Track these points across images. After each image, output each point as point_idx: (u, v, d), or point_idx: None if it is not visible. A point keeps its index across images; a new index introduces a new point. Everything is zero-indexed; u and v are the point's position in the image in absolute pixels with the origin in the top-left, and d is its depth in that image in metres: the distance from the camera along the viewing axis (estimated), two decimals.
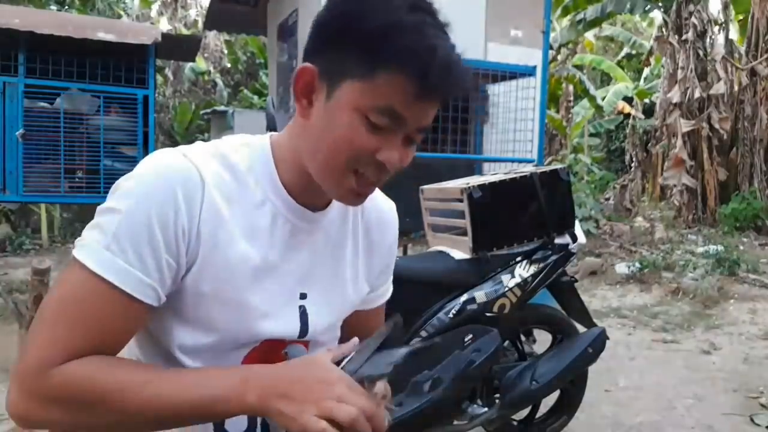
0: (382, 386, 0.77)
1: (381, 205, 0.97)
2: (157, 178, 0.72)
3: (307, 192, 0.82)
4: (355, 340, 0.79)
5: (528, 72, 4.40)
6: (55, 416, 0.69)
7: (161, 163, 0.74)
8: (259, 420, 0.83)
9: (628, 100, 14.18)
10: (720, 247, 6.51)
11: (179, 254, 0.72)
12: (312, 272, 0.85)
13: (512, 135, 4.44)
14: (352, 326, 0.94)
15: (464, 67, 0.73)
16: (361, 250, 0.92)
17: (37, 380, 0.67)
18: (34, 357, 0.68)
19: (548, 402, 2.49)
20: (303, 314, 0.85)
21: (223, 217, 0.75)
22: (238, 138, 0.84)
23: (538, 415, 2.53)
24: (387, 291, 1.02)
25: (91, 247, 0.70)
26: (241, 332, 0.80)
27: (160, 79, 12.89)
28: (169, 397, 0.69)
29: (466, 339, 2.09)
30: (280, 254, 0.81)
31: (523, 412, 2.45)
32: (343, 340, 0.91)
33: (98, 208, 0.73)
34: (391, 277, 1.03)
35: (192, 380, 0.71)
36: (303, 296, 0.85)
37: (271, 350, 0.83)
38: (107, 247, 0.69)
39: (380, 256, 0.96)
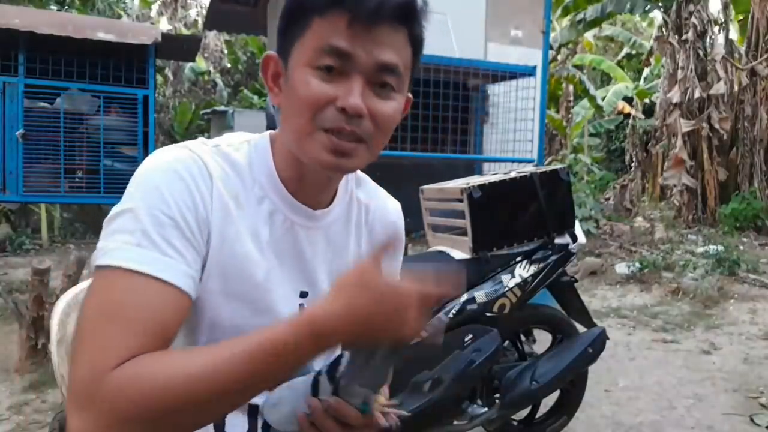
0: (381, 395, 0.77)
1: (386, 205, 0.96)
2: (168, 170, 0.72)
3: (307, 188, 0.81)
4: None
5: (528, 72, 4.40)
6: (128, 422, 0.59)
7: (169, 157, 0.74)
8: (259, 423, 0.83)
9: (628, 100, 14.18)
10: (720, 247, 6.51)
11: (202, 242, 0.72)
12: (313, 271, 0.85)
13: (512, 135, 4.45)
14: None
15: None
16: (365, 251, 0.92)
17: (97, 391, 0.59)
18: (86, 368, 0.61)
19: (548, 402, 2.49)
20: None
21: (230, 212, 0.75)
22: (238, 135, 0.84)
23: (538, 415, 2.53)
24: None
25: (121, 249, 0.66)
26: (245, 330, 0.78)
27: (160, 79, 12.89)
28: (246, 371, 0.61)
29: (466, 339, 2.09)
30: (280, 252, 0.81)
31: (523, 412, 2.45)
32: None
33: (109, 215, 0.70)
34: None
35: (262, 341, 0.62)
36: (303, 294, 0.84)
37: None
38: (138, 244, 0.66)
39: (385, 258, 0.94)
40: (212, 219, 0.73)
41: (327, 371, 0.76)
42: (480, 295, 2.16)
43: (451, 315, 2.12)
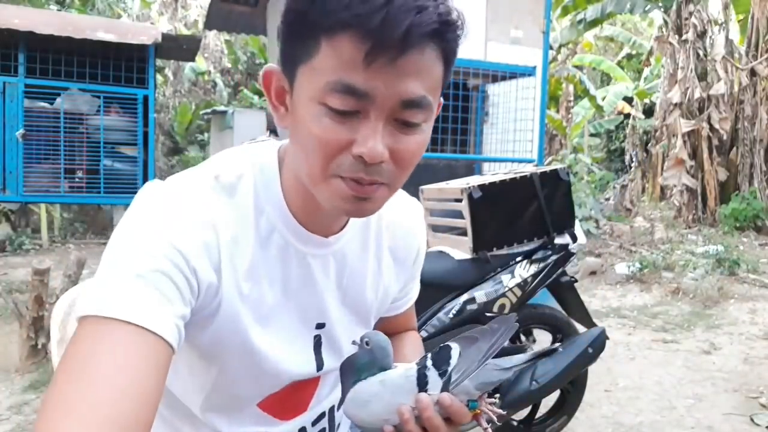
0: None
1: (403, 210, 0.88)
2: (161, 221, 0.64)
3: (320, 219, 0.74)
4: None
5: (528, 72, 4.40)
6: None
7: (166, 202, 0.66)
8: None
9: (628, 100, 14.18)
10: (720, 247, 6.51)
11: (192, 301, 0.65)
12: (326, 300, 0.79)
13: (512, 135, 4.45)
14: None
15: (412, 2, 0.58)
16: (386, 268, 0.85)
17: None
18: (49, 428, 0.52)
19: (548, 402, 2.49)
20: (317, 345, 0.80)
21: (234, 263, 0.69)
22: (242, 158, 0.74)
23: (538, 415, 2.53)
24: (415, 293, 0.98)
25: (99, 298, 0.59)
26: (259, 377, 0.75)
27: (160, 79, 12.88)
28: None
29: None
30: (292, 287, 0.75)
31: (523, 412, 2.45)
32: None
33: (102, 259, 0.63)
34: (419, 279, 0.96)
35: None
36: (320, 326, 0.79)
37: (294, 390, 0.80)
38: (118, 292, 0.59)
39: (407, 267, 0.90)
40: (213, 274, 0.66)
41: (435, 366, 0.71)
42: (480, 295, 2.16)
43: (451, 315, 2.12)
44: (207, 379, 0.75)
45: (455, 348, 0.72)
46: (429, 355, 0.73)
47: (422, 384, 0.69)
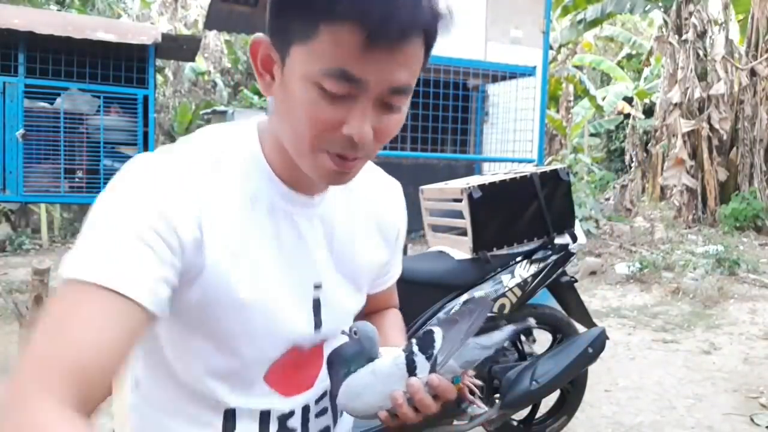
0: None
1: (384, 186, 0.92)
2: (144, 186, 0.66)
3: (302, 178, 0.76)
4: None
5: (528, 72, 4.40)
6: None
7: (148, 169, 0.68)
8: (272, 430, 0.80)
9: (628, 100, 14.18)
10: (720, 247, 6.51)
11: (175, 262, 0.67)
12: (321, 261, 0.80)
13: (512, 135, 4.45)
14: (365, 311, 0.92)
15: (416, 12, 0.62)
16: (372, 236, 0.88)
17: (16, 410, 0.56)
18: (18, 379, 0.58)
19: (548, 402, 2.49)
20: (316, 306, 0.81)
21: (220, 221, 0.70)
22: (223, 129, 0.78)
23: (538, 415, 2.53)
24: (397, 271, 1.00)
25: (80, 260, 0.62)
26: (255, 336, 0.75)
27: (160, 79, 12.88)
28: None
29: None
30: (284, 247, 0.76)
31: (523, 412, 2.45)
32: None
33: (86, 220, 0.66)
34: (401, 257, 0.99)
35: None
36: (318, 287, 0.81)
37: (296, 358, 0.81)
38: (98, 257, 0.62)
39: (390, 242, 0.92)
40: (197, 235, 0.68)
41: (421, 350, 0.76)
42: (480, 295, 2.16)
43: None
44: (204, 344, 0.75)
45: (438, 332, 0.77)
46: (414, 341, 0.77)
47: (411, 369, 0.75)
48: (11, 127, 3.93)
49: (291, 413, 0.81)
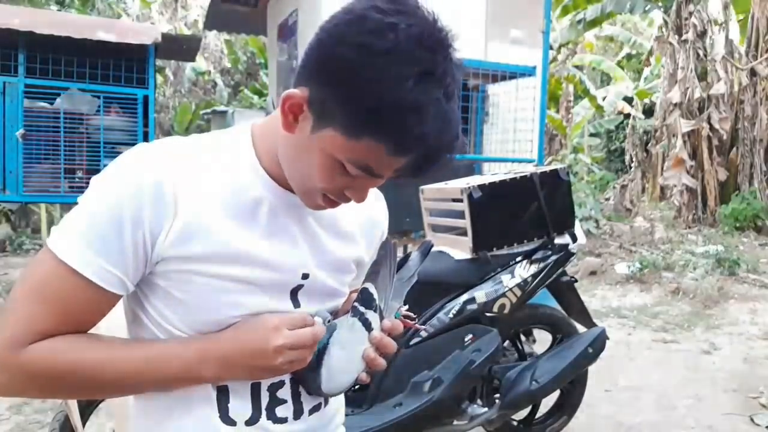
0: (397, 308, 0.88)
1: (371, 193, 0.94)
2: (127, 178, 0.72)
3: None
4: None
5: (528, 72, 4.40)
6: (28, 390, 0.75)
7: (133, 163, 0.73)
8: (263, 403, 0.83)
9: (628, 100, 14.19)
10: (720, 247, 6.51)
11: (150, 251, 0.73)
12: (311, 254, 0.83)
13: (512, 135, 4.45)
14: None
15: (449, 158, 0.71)
16: (358, 234, 0.90)
17: (9, 358, 0.71)
18: (5, 337, 0.71)
19: (548, 402, 2.49)
20: (294, 293, 0.83)
21: (208, 213, 0.74)
22: (218, 131, 0.84)
23: (538, 415, 2.53)
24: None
25: (61, 236, 0.72)
26: (236, 312, 0.79)
27: (160, 79, 12.89)
28: (129, 376, 0.74)
29: (466, 339, 2.09)
30: (270, 239, 0.79)
31: (523, 412, 2.45)
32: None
33: (78, 199, 0.75)
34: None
35: (151, 357, 0.75)
36: (305, 276, 0.83)
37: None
38: (75, 237, 0.71)
39: (373, 244, 0.94)
40: (177, 224, 0.73)
41: (366, 308, 0.84)
42: (480, 295, 2.16)
43: (451, 315, 2.12)
44: (185, 330, 0.79)
45: (370, 286, 0.86)
46: (355, 304, 0.86)
47: (368, 326, 0.84)
48: (11, 127, 3.93)
49: (281, 383, 0.84)
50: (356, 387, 0.92)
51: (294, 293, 0.83)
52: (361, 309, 0.85)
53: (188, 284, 0.76)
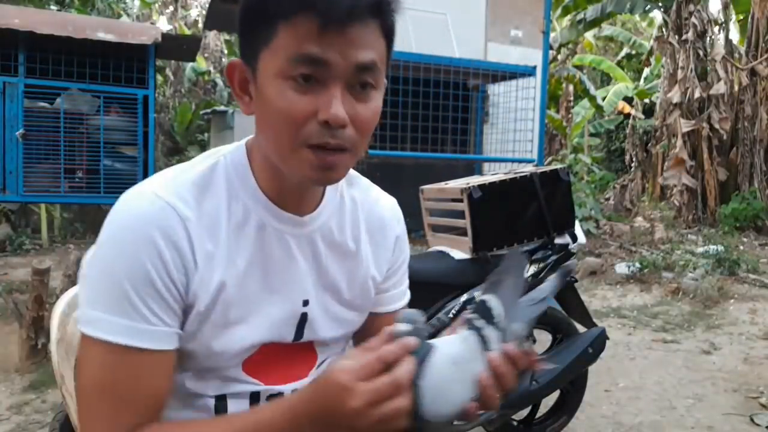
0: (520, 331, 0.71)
1: (377, 199, 0.92)
2: (139, 231, 0.69)
3: (292, 196, 0.79)
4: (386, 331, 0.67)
5: (528, 72, 4.40)
6: None
7: (132, 213, 0.71)
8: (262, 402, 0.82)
9: (628, 100, 14.19)
10: (720, 247, 6.51)
11: (177, 298, 0.72)
12: (308, 279, 0.82)
13: (512, 135, 4.45)
14: (367, 330, 0.91)
15: None
16: (364, 250, 0.88)
17: None
18: None
19: (548, 402, 2.49)
20: (302, 321, 0.82)
21: (211, 251, 0.73)
22: (212, 154, 0.81)
23: (538, 415, 2.53)
24: (403, 294, 0.97)
25: (105, 321, 0.68)
26: (240, 348, 0.78)
27: (160, 79, 12.88)
28: None
29: None
30: (274, 267, 0.78)
31: (523, 412, 2.45)
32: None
33: (87, 262, 0.72)
34: (407, 281, 0.98)
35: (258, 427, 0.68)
36: (305, 303, 0.82)
37: (270, 352, 0.82)
38: (121, 313, 0.68)
39: (386, 251, 0.91)
40: (194, 267, 0.72)
41: (488, 323, 0.69)
42: (480, 295, 2.16)
43: (451, 315, 2.12)
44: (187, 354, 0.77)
45: (491, 299, 0.71)
46: (471, 316, 0.70)
47: (485, 345, 0.68)
48: (11, 127, 3.93)
49: (280, 393, 0.83)
50: (457, 422, 0.70)
51: (301, 325, 0.82)
52: (479, 324, 0.69)
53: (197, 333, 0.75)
